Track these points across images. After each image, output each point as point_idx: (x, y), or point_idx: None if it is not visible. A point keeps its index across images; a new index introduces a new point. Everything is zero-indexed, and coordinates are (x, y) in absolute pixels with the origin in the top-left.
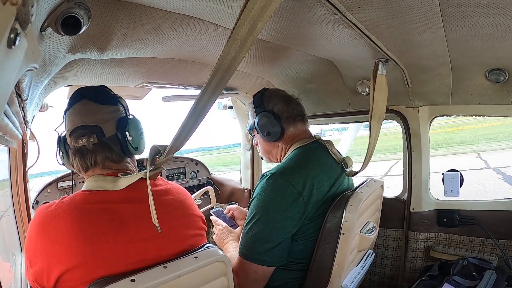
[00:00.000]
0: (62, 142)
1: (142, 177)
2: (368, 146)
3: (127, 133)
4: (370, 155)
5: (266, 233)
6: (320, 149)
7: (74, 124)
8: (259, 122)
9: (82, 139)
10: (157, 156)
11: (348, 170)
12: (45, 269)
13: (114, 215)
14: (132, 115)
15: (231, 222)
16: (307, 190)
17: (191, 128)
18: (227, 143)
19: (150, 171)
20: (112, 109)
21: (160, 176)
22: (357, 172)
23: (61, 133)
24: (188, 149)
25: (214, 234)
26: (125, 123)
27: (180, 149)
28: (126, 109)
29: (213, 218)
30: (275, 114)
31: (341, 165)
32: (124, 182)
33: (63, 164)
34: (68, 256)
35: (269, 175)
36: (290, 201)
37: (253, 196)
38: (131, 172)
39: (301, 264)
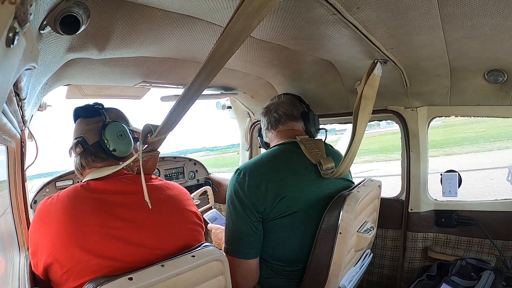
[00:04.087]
0: None
1: (136, 173)
2: (350, 147)
3: (102, 137)
4: (352, 155)
5: (237, 225)
6: (294, 148)
7: (72, 139)
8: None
9: (73, 150)
10: (149, 135)
11: (323, 172)
12: (38, 251)
13: (101, 203)
14: (112, 121)
15: (222, 220)
16: (264, 185)
17: (180, 113)
18: (230, 143)
19: (144, 152)
20: (95, 120)
21: (159, 175)
22: (333, 173)
23: None
24: (192, 149)
25: (212, 240)
26: (102, 129)
27: (172, 129)
28: (106, 117)
29: (209, 226)
30: (260, 128)
31: (316, 166)
32: (121, 166)
33: None
34: (56, 237)
35: (236, 170)
36: (250, 193)
37: (227, 192)
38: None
39: (282, 264)
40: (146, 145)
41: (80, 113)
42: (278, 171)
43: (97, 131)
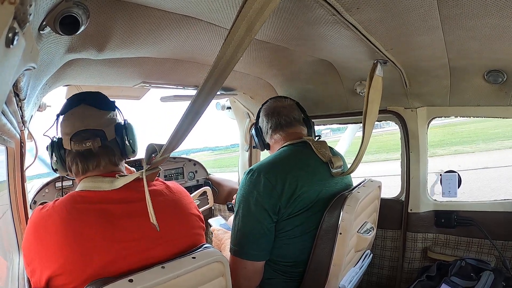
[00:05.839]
0: (56, 146)
1: (138, 177)
2: (360, 147)
3: (126, 137)
4: (361, 155)
5: (248, 226)
6: (304, 148)
7: (76, 128)
8: (252, 134)
9: (87, 142)
10: (153, 155)
11: (334, 170)
12: (37, 268)
13: (105, 215)
14: (127, 120)
15: (227, 226)
16: (280, 184)
17: (187, 128)
18: (233, 142)
19: (146, 170)
20: (111, 114)
21: (158, 176)
22: (344, 173)
23: (53, 137)
24: (194, 149)
25: (212, 240)
26: (124, 127)
27: (176, 149)
28: (121, 114)
29: (212, 228)
30: (259, 129)
31: (327, 165)
32: (121, 181)
33: (56, 170)
34: (56, 255)
35: (248, 170)
36: (265, 193)
37: (237, 192)
38: (126, 174)
39: (287, 264)
40: (149, 165)
41: (92, 101)
42: (293, 170)
43: (113, 127)
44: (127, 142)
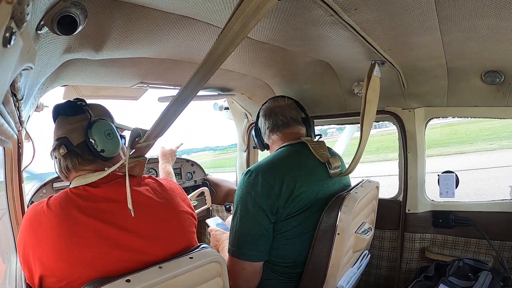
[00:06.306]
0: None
1: (131, 176)
2: (358, 148)
3: (89, 137)
4: (359, 156)
5: (247, 227)
6: (302, 148)
7: (53, 140)
8: (252, 135)
9: (55, 152)
10: (137, 139)
11: (332, 171)
12: (31, 264)
13: (100, 213)
14: (98, 119)
15: (224, 226)
16: (278, 184)
17: (172, 116)
18: (233, 142)
19: (131, 158)
20: (79, 118)
21: (156, 177)
22: (341, 173)
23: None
24: (195, 149)
25: (210, 240)
26: (88, 128)
27: (161, 136)
28: (90, 114)
29: (209, 228)
30: (258, 129)
31: (325, 166)
32: (107, 171)
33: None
34: (51, 252)
35: (246, 171)
36: (263, 194)
37: (235, 193)
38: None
39: (286, 265)
40: (133, 150)
41: (61, 111)
42: (291, 171)
43: (82, 130)
44: (92, 142)
